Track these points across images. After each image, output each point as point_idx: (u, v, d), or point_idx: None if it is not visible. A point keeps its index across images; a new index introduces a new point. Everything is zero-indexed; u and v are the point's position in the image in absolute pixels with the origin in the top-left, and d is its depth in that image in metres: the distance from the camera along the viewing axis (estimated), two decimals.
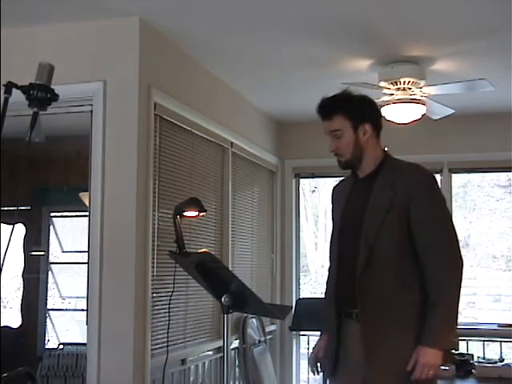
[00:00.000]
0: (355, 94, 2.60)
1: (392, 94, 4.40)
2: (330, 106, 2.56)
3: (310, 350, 2.81)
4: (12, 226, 3.74)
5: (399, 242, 2.44)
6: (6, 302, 6.94)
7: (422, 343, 2.39)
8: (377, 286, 2.43)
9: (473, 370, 4.37)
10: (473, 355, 4.74)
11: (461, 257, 2.46)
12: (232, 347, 4.85)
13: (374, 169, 2.56)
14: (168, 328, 3.52)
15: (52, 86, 2.01)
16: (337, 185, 2.80)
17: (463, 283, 2.44)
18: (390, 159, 2.60)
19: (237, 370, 4.98)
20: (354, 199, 2.60)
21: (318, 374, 2.70)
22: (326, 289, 2.71)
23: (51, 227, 6.76)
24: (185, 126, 4.12)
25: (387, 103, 4.43)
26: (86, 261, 3.55)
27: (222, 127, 4.68)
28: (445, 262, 2.43)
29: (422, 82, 4.35)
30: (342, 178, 2.79)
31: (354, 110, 2.56)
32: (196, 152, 4.33)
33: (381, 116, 2.72)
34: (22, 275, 6.60)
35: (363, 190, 2.55)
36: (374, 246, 2.43)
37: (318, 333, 2.78)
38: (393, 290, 2.44)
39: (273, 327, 5.82)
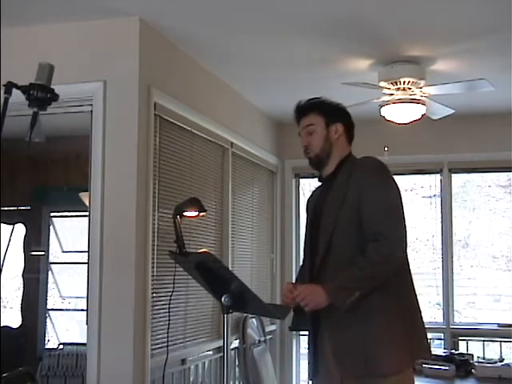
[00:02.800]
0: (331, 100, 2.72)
1: (392, 94, 4.40)
2: (306, 105, 2.71)
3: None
4: (12, 226, 3.75)
5: (355, 236, 2.46)
6: (6, 301, 6.94)
7: (324, 284, 2.42)
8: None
9: (473, 370, 4.36)
10: (473, 355, 4.73)
11: (402, 247, 2.45)
12: (232, 347, 4.85)
13: (335, 168, 2.62)
14: (168, 328, 3.52)
15: (52, 86, 2.01)
16: (310, 196, 2.87)
17: (463, 283, 2.44)
18: (351, 158, 2.66)
19: (237, 369, 4.99)
20: (318, 199, 2.69)
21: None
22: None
23: (51, 227, 6.76)
24: (185, 126, 4.12)
25: (387, 103, 4.43)
26: (86, 261, 3.55)
27: (222, 127, 4.68)
28: (385, 241, 2.40)
29: (422, 82, 4.35)
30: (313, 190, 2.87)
31: (328, 108, 2.69)
32: (196, 152, 4.33)
33: (353, 124, 2.74)
34: (22, 275, 6.60)
35: (325, 189, 2.64)
36: (331, 243, 2.48)
37: None
38: None
39: (273, 327, 5.82)
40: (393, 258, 2.43)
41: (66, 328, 6.84)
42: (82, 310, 5.24)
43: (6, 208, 5.20)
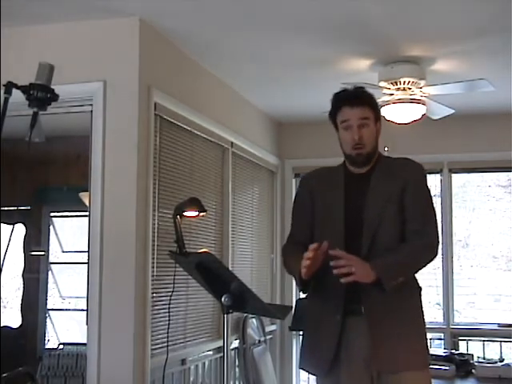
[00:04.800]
0: None
1: (392, 94, 4.40)
2: (363, 94, 2.57)
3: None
4: (12, 226, 3.75)
5: (399, 232, 2.47)
6: (6, 301, 6.94)
7: (372, 261, 2.38)
8: None
9: (473, 370, 4.36)
10: (473, 355, 4.73)
11: (439, 244, 2.54)
12: (232, 347, 4.85)
13: (371, 167, 2.57)
14: (168, 328, 3.52)
15: (52, 86, 2.01)
16: (314, 173, 2.73)
17: (463, 283, 2.48)
18: (384, 157, 2.65)
19: (237, 369, 4.99)
20: (353, 196, 2.55)
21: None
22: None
23: (51, 227, 6.76)
24: (185, 126, 4.12)
25: (387, 103, 4.42)
26: (86, 261, 3.55)
27: (222, 127, 4.68)
28: (428, 236, 2.49)
29: (422, 82, 4.35)
30: (315, 170, 2.74)
31: (376, 105, 2.61)
32: (196, 152, 4.33)
33: None
34: (22, 275, 6.60)
35: (360, 186, 2.54)
36: (375, 239, 2.44)
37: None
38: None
39: (273, 327, 5.82)
40: (434, 253, 2.51)
41: (66, 328, 6.84)
42: (82, 309, 5.24)
43: (5, 208, 5.19)
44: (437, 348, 5.50)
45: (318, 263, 2.37)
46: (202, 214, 3.15)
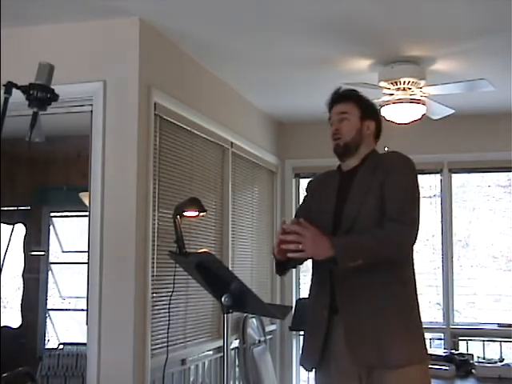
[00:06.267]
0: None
1: (392, 94, 4.40)
2: (346, 93, 2.67)
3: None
4: (12, 226, 3.74)
5: (378, 222, 2.44)
6: (6, 301, 6.94)
7: (333, 238, 2.35)
8: (352, 272, 2.38)
9: (473, 370, 4.36)
10: (473, 355, 4.73)
11: (415, 235, 2.45)
12: (232, 347, 4.85)
13: (359, 162, 2.61)
14: (168, 328, 3.52)
15: (52, 86, 2.01)
16: (317, 177, 2.81)
17: (463, 283, 2.44)
18: (375, 153, 2.66)
19: (237, 369, 4.99)
20: (342, 193, 2.59)
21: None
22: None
23: (51, 227, 6.77)
24: (185, 126, 4.12)
25: (387, 103, 4.43)
26: (86, 261, 3.55)
27: (222, 127, 4.68)
28: (401, 224, 2.41)
29: (422, 82, 4.35)
30: (321, 173, 2.79)
31: (365, 103, 2.68)
32: (196, 152, 4.33)
33: (381, 126, 2.75)
34: (22, 275, 6.60)
35: (347, 182, 2.58)
36: (354, 228, 2.44)
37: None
38: (368, 271, 2.39)
39: (273, 327, 5.82)
40: (406, 242, 2.45)
41: (66, 328, 6.84)
42: (82, 309, 5.25)
43: (5, 208, 5.20)
44: (437, 348, 5.50)
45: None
46: (201, 214, 3.15)
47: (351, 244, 2.38)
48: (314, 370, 2.60)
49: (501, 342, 5.60)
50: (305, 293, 6.33)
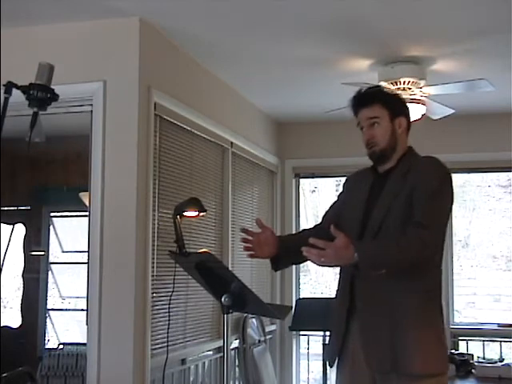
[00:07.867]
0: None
1: None
2: (370, 94, 2.57)
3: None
4: (12, 226, 3.75)
5: (404, 228, 2.37)
6: (6, 301, 6.94)
7: (356, 243, 2.29)
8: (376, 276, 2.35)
9: (473, 370, 4.36)
10: (473, 355, 4.72)
11: (439, 243, 2.40)
12: (232, 347, 4.85)
13: (394, 164, 2.54)
14: (168, 328, 3.52)
15: (52, 86, 2.01)
16: (354, 174, 2.74)
17: (463, 283, 2.41)
18: (411, 154, 2.59)
19: (237, 369, 4.99)
20: (375, 194, 2.53)
21: None
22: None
23: (51, 227, 6.76)
24: (185, 126, 4.12)
25: None
26: (86, 261, 3.55)
27: (222, 127, 4.68)
28: (426, 231, 2.32)
29: (422, 82, 4.35)
30: (358, 170, 2.72)
31: (392, 101, 2.60)
32: (196, 152, 4.33)
33: (410, 117, 2.70)
34: (22, 275, 6.60)
35: (380, 183, 2.52)
36: (379, 233, 2.40)
37: (319, 333, 2.72)
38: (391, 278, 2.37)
39: (273, 327, 5.82)
40: (428, 247, 2.33)
41: (66, 328, 6.84)
42: (82, 309, 5.24)
43: (6, 208, 5.21)
44: None
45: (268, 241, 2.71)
46: (201, 213, 3.15)
47: (375, 255, 2.29)
48: (335, 364, 2.58)
49: (501, 342, 5.59)
50: (305, 293, 6.34)
